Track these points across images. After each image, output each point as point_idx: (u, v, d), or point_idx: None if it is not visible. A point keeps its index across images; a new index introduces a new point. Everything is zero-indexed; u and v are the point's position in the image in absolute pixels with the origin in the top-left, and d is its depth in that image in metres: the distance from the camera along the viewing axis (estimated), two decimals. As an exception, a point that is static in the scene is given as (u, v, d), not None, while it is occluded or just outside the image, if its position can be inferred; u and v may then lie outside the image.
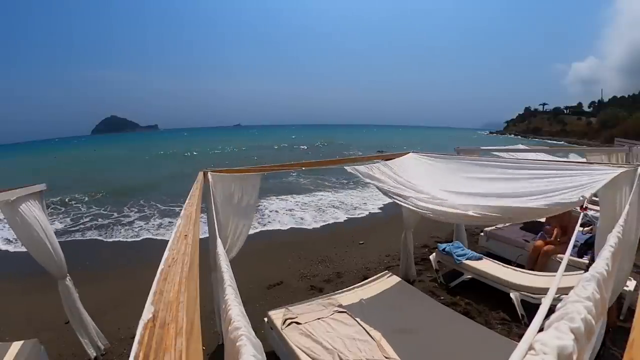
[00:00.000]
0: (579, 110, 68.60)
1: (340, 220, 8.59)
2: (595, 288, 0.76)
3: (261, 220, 8.31)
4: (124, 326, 3.65)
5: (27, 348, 2.53)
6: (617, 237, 1.18)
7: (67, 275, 3.01)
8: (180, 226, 1.32)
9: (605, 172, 2.26)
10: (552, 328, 0.60)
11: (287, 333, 2.75)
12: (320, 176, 14.27)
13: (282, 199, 10.75)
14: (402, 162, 3.66)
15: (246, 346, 0.70)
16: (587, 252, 4.11)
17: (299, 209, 9.65)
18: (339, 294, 3.52)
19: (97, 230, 8.29)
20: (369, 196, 10.84)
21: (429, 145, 31.87)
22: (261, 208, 9.31)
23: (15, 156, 42.57)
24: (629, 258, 2.45)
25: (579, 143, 40.96)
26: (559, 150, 7.15)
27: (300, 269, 5.19)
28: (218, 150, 35.14)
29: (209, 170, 2.83)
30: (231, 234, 2.91)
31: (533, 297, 3.40)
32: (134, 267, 5.65)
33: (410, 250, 4.42)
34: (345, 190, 12.22)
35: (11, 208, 2.59)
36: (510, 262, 4.51)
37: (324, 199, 10.91)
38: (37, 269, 2.97)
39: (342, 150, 31.89)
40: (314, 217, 8.80)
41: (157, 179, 16.02)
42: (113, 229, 8.30)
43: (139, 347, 0.59)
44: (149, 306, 0.72)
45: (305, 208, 9.72)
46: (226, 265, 1.22)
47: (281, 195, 11.07)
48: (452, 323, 2.97)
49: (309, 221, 8.45)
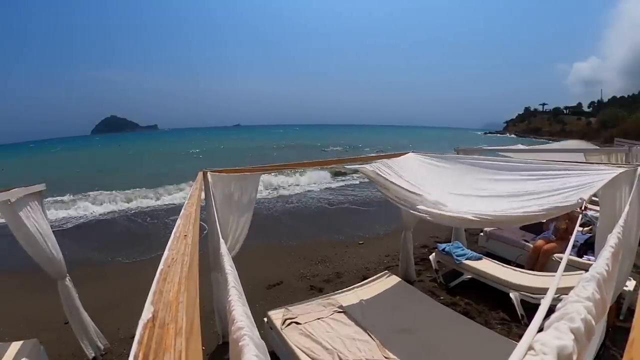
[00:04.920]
0: (578, 110, 68.67)
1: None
2: (595, 288, 0.76)
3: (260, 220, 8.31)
4: (124, 326, 3.65)
5: (27, 348, 2.53)
6: (617, 237, 1.18)
7: (66, 275, 3.01)
8: (179, 226, 1.32)
9: (605, 172, 2.26)
10: (552, 328, 0.60)
11: (286, 333, 2.75)
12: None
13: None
14: (403, 162, 3.66)
15: (248, 346, 0.70)
16: (587, 252, 4.12)
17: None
18: (338, 294, 3.52)
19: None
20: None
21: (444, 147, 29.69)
22: (261, 208, 9.31)
23: (52, 153, 41.35)
24: (628, 258, 2.45)
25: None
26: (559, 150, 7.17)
27: (300, 269, 5.18)
28: (243, 149, 33.00)
29: (209, 170, 2.83)
30: (231, 234, 2.91)
31: (533, 297, 3.40)
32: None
33: (410, 250, 4.42)
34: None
35: (10, 208, 2.58)
36: (510, 262, 4.51)
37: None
38: (37, 269, 2.97)
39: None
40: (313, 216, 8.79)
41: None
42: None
43: (139, 347, 0.59)
44: (149, 306, 0.72)
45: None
46: (230, 266, 1.22)
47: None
48: (451, 323, 2.97)
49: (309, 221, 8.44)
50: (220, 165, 3.13)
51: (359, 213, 9.26)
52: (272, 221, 8.39)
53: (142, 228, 8.38)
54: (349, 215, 9.00)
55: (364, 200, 10.53)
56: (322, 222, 8.43)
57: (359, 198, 10.93)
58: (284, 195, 11.45)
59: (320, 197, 11.21)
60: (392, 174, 3.35)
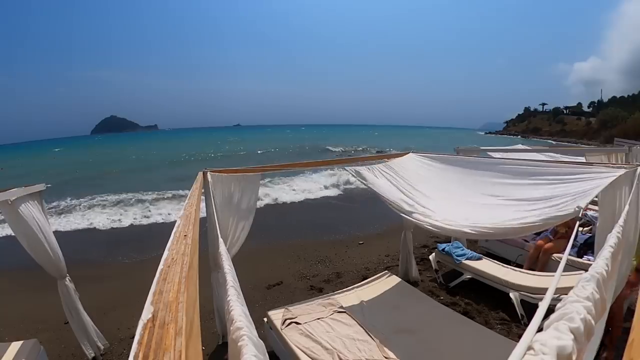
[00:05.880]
0: (578, 110, 68.60)
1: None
2: (594, 288, 0.76)
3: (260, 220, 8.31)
4: (124, 326, 3.65)
5: (27, 348, 2.53)
6: (617, 237, 1.18)
7: (66, 275, 3.01)
8: (179, 226, 1.31)
9: (604, 176, 2.25)
10: (551, 328, 0.60)
11: (286, 333, 2.75)
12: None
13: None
14: (403, 163, 3.66)
15: (247, 346, 0.70)
16: (587, 252, 4.12)
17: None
18: (338, 294, 3.52)
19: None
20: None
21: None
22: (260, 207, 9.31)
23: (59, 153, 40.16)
24: (627, 258, 2.45)
25: (578, 143, 40.95)
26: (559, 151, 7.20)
27: (300, 269, 5.18)
28: (261, 151, 30.08)
29: (209, 170, 2.82)
30: (231, 234, 2.91)
31: (532, 297, 3.40)
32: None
33: (410, 250, 4.42)
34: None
35: (10, 208, 2.58)
36: (509, 262, 4.51)
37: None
38: (37, 269, 2.97)
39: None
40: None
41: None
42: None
43: (139, 347, 0.59)
44: (149, 306, 0.72)
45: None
46: (229, 266, 1.22)
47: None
48: (451, 323, 2.97)
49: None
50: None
51: (358, 212, 9.26)
52: (272, 221, 8.39)
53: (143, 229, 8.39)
54: (348, 215, 9.00)
55: (363, 200, 10.53)
56: (322, 222, 8.44)
57: (358, 198, 10.93)
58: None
59: (320, 197, 11.21)
60: (392, 176, 3.35)
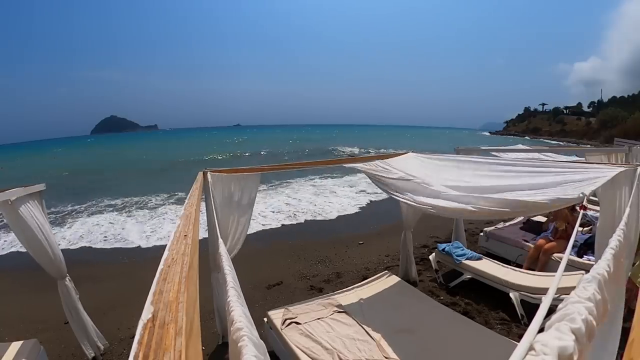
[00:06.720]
0: (578, 110, 68.62)
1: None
2: (596, 289, 0.76)
3: (261, 220, 8.32)
4: (124, 326, 3.65)
5: (27, 348, 2.53)
6: (619, 239, 1.17)
7: (66, 275, 3.00)
8: (179, 226, 1.31)
9: (605, 171, 2.26)
10: (552, 328, 0.60)
11: (286, 333, 2.75)
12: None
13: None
14: (401, 160, 3.66)
15: (247, 347, 0.70)
16: (587, 252, 4.12)
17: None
18: (338, 294, 3.52)
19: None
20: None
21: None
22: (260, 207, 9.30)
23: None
24: (628, 258, 2.44)
25: (578, 143, 41.00)
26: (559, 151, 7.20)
27: (300, 269, 5.18)
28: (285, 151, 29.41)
29: (209, 170, 2.82)
30: (231, 234, 2.91)
31: (533, 297, 3.40)
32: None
33: (410, 250, 4.42)
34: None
35: (10, 208, 2.58)
36: (509, 262, 4.51)
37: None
38: (37, 269, 2.97)
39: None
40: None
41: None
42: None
43: (139, 347, 0.59)
44: (149, 306, 0.72)
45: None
46: (229, 267, 1.22)
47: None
48: (451, 323, 2.97)
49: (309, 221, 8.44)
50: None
51: (358, 212, 9.27)
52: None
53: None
54: (349, 214, 9.01)
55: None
56: (322, 222, 8.44)
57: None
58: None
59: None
60: (391, 169, 3.35)
